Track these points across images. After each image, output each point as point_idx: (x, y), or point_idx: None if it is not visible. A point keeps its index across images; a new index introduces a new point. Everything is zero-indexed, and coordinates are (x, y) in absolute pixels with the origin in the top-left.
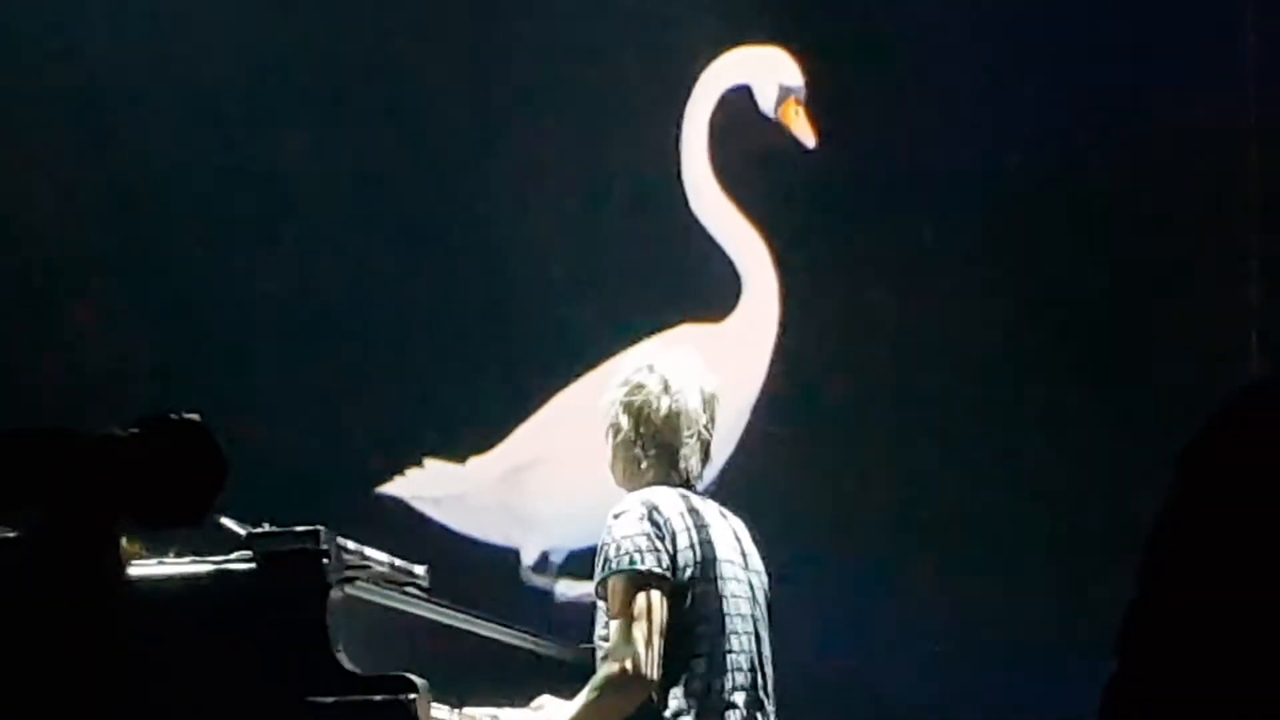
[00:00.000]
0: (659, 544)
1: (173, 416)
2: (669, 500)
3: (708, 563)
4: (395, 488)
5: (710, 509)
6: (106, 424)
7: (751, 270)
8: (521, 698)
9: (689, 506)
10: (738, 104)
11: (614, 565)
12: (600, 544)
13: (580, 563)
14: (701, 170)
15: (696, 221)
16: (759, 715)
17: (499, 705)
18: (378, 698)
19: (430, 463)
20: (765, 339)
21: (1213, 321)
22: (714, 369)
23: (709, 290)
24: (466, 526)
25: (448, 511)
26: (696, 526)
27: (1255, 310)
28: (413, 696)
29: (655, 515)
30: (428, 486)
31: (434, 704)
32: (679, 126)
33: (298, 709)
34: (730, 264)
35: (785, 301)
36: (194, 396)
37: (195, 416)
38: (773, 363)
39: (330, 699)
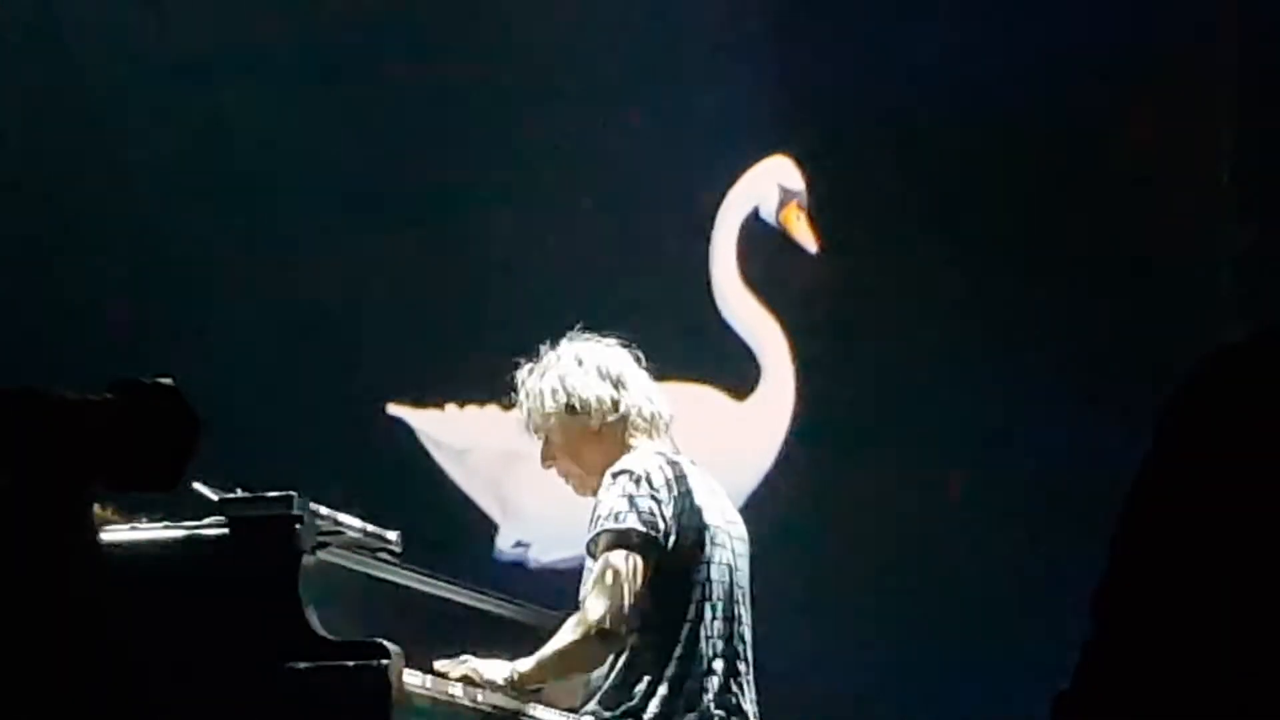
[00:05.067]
0: (650, 506)
1: (146, 381)
2: (660, 466)
3: (697, 530)
4: (406, 413)
5: (694, 471)
6: (78, 387)
7: (773, 368)
8: None
9: (677, 473)
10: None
11: (605, 524)
12: (594, 504)
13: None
14: (729, 282)
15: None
16: (732, 681)
17: None
18: (351, 663)
19: (450, 408)
20: (777, 432)
21: (1186, 310)
22: (728, 443)
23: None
24: (458, 480)
25: (446, 457)
26: (683, 493)
27: (1230, 300)
28: (386, 662)
29: (649, 478)
30: (434, 426)
31: (406, 669)
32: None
33: (271, 675)
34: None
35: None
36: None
37: (169, 381)
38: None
39: (303, 665)
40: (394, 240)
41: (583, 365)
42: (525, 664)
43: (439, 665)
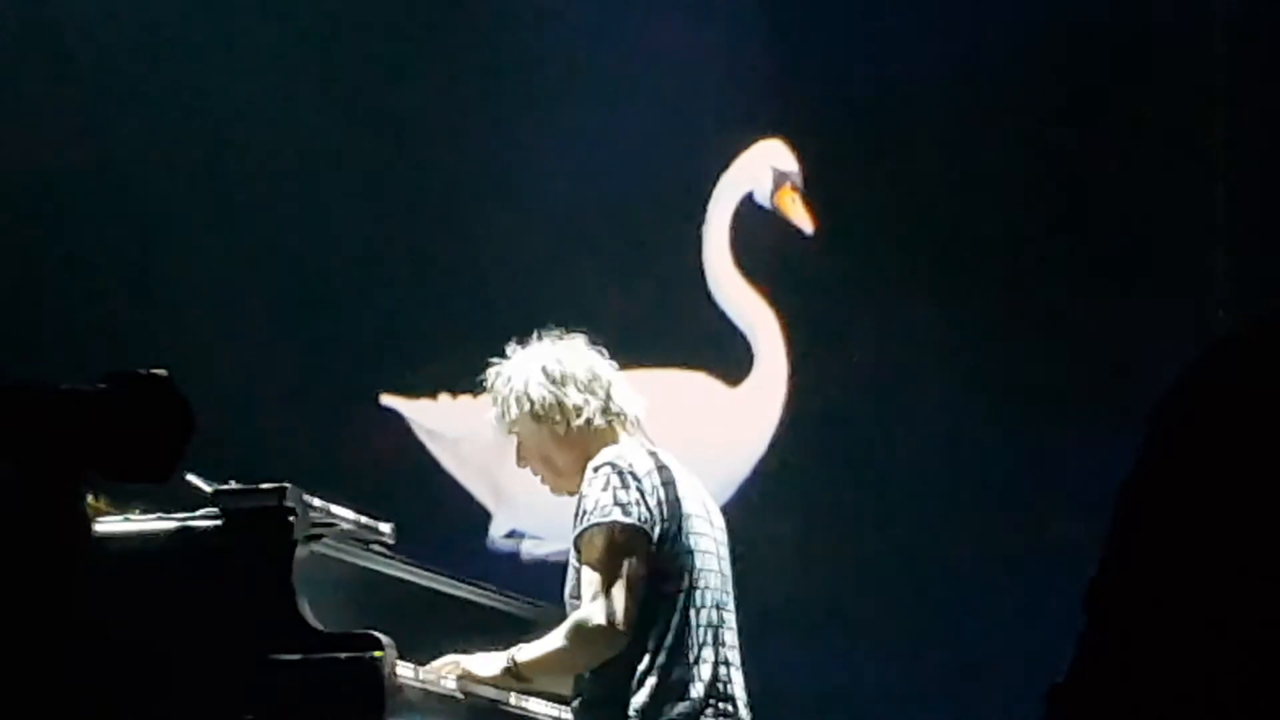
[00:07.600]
0: (636, 498)
1: (140, 372)
2: (641, 458)
3: (680, 519)
4: (400, 403)
5: (675, 464)
6: (72, 379)
7: (765, 353)
8: None
9: (659, 464)
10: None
11: (593, 518)
12: (579, 497)
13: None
14: (723, 268)
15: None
16: (721, 670)
17: None
18: (343, 655)
19: (443, 397)
20: (770, 418)
21: (1177, 293)
22: (721, 430)
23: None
24: (452, 470)
25: (440, 447)
26: (665, 483)
27: (1219, 279)
28: (378, 654)
29: (633, 470)
30: (428, 416)
31: (399, 661)
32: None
33: (263, 666)
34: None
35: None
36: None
37: (163, 372)
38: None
39: (296, 656)
40: (388, 230)
41: (547, 371)
42: (525, 653)
43: (429, 667)
